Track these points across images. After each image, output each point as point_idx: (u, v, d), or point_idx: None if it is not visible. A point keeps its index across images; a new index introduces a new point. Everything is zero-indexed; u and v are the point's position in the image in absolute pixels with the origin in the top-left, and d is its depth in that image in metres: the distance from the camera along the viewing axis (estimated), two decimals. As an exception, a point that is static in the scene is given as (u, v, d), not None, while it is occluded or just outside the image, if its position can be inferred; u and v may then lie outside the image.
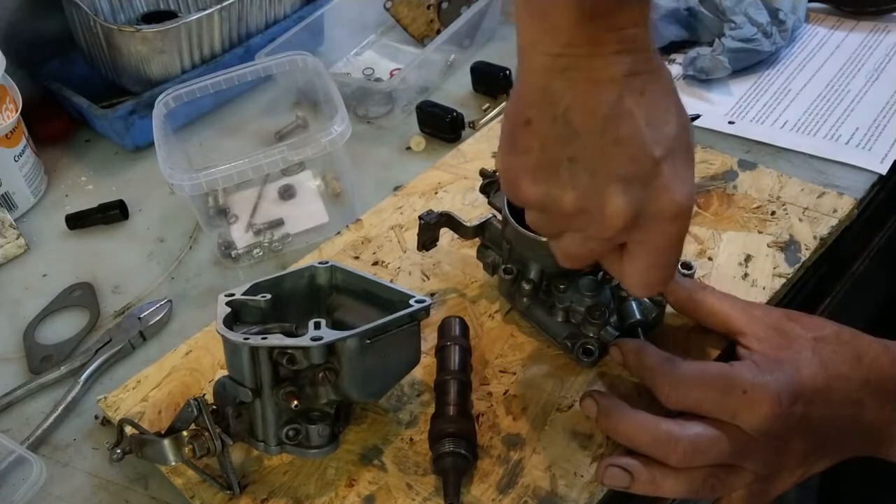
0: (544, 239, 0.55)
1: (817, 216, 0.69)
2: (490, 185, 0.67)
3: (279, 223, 0.80)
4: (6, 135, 0.83)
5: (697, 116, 0.78)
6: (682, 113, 0.45)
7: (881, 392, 0.52)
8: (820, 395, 0.51)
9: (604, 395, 0.55)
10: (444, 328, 0.62)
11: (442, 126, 0.87)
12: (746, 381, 0.50)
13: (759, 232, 0.69)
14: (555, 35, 0.42)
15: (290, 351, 0.52)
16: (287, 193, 0.83)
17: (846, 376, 0.52)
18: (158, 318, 0.72)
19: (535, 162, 0.44)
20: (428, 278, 0.70)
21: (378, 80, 0.97)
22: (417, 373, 0.61)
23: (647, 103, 0.42)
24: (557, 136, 0.43)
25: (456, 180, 0.79)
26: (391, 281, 0.68)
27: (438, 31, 1.00)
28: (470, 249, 0.70)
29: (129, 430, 0.55)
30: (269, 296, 0.58)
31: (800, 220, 0.69)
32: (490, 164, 0.71)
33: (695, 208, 0.70)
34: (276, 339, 0.52)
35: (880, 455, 0.54)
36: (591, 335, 0.59)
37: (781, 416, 0.49)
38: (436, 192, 0.78)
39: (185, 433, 0.53)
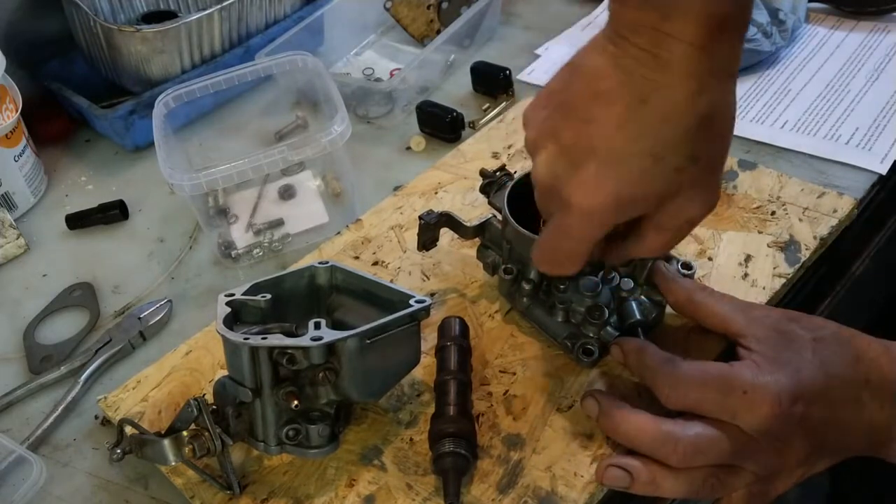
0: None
1: (817, 216, 0.69)
2: (490, 185, 0.67)
3: (279, 223, 0.80)
4: (6, 135, 0.83)
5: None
6: (679, 149, 0.44)
7: (881, 392, 0.52)
8: (820, 395, 0.51)
9: (605, 395, 0.55)
10: (444, 328, 0.62)
11: (442, 126, 0.87)
12: (747, 381, 0.50)
13: (759, 232, 0.68)
14: (610, 15, 0.45)
15: (290, 351, 0.52)
16: (287, 193, 0.83)
17: (846, 377, 0.52)
18: (158, 318, 0.72)
19: (538, 98, 0.49)
20: (428, 278, 0.70)
21: (378, 80, 0.97)
22: (417, 373, 0.61)
23: (639, 110, 0.43)
24: (559, 88, 0.47)
25: (456, 180, 0.79)
26: (391, 281, 0.68)
27: (438, 31, 1.00)
28: (470, 249, 0.70)
29: (129, 430, 0.55)
30: (269, 296, 0.58)
31: (800, 220, 0.69)
32: (490, 164, 0.70)
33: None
34: (276, 339, 0.52)
35: (880, 455, 0.54)
36: (591, 335, 0.59)
37: (781, 416, 0.49)
38: (436, 192, 0.78)
39: (185, 433, 0.53)
